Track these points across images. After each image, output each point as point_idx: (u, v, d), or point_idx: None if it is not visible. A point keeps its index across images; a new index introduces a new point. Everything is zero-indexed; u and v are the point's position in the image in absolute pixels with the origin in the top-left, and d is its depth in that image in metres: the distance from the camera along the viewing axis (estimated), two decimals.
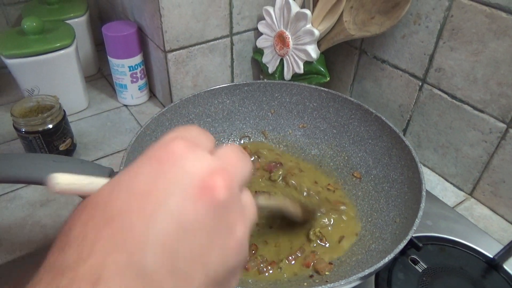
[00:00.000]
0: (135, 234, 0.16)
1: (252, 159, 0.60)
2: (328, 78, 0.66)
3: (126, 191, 0.17)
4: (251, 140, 0.63)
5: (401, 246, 0.38)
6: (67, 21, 0.73)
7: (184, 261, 0.17)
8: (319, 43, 0.65)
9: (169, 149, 0.19)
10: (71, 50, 0.67)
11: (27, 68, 0.65)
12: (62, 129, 0.60)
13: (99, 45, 0.82)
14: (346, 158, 0.58)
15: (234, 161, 0.21)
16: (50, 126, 0.58)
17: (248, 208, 0.21)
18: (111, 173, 0.45)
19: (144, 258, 0.16)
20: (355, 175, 0.56)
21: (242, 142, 0.63)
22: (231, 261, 0.19)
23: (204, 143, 0.21)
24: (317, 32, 0.62)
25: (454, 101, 0.57)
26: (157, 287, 0.16)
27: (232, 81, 0.77)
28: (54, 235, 0.52)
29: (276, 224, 0.50)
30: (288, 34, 0.66)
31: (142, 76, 0.74)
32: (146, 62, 0.74)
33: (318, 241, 0.48)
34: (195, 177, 0.18)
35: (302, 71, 0.66)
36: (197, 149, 0.19)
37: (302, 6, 0.64)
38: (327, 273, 0.45)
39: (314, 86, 0.60)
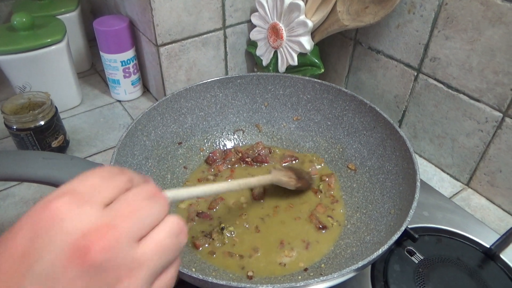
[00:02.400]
0: None
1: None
2: (323, 70, 0.65)
3: (4, 253, 0.18)
4: (245, 133, 0.62)
5: (395, 237, 0.37)
6: (58, 17, 0.72)
7: None
8: (313, 34, 0.64)
9: (50, 208, 0.18)
10: (62, 45, 0.66)
11: (18, 64, 0.64)
12: (54, 126, 0.59)
13: (91, 41, 0.81)
14: (341, 150, 0.58)
15: (128, 212, 0.20)
16: (42, 123, 0.58)
17: (147, 257, 0.20)
18: None
19: None
20: (349, 167, 0.56)
21: (235, 136, 0.62)
22: None
23: (100, 195, 0.20)
24: (310, 23, 0.61)
25: (450, 90, 0.56)
26: None
27: (226, 74, 0.76)
28: None
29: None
30: (281, 25, 0.65)
31: (135, 71, 0.73)
32: (139, 56, 0.74)
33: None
34: (70, 238, 0.18)
35: (296, 63, 0.65)
36: (82, 206, 0.19)
37: None
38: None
39: (307, 78, 0.59)
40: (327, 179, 0.56)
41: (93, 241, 0.18)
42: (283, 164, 0.59)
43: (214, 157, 0.59)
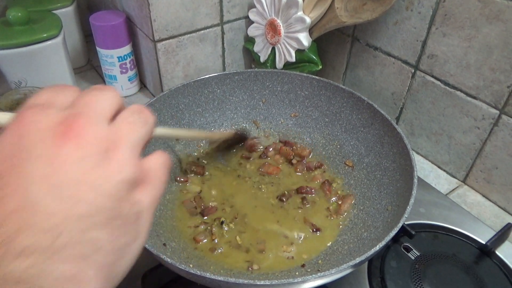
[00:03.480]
0: (14, 184, 0.19)
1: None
2: (321, 67, 0.65)
3: None
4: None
5: (392, 233, 0.38)
6: (54, 11, 0.71)
7: (68, 188, 0.19)
8: (310, 30, 0.64)
9: (21, 117, 0.20)
10: (58, 40, 0.66)
11: (14, 59, 0.64)
12: None
13: (88, 36, 0.81)
14: (338, 146, 0.58)
15: (86, 102, 0.22)
16: None
17: (121, 132, 0.22)
18: None
19: (33, 195, 0.18)
20: (347, 163, 0.56)
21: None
22: (117, 176, 0.20)
23: (58, 100, 0.22)
24: (308, 20, 0.61)
25: (447, 87, 0.56)
26: (52, 212, 0.18)
27: (224, 70, 0.76)
28: None
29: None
30: (279, 22, 0.65)
31: (132, 66, 0.73)
32: (136, 52, 0.73)
33: None
34: (48, 128, 0.20)
35: (294, 60, 0.65)
36: (48, 109, 0.21)
37: None
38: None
39: (305, 74, 0.59)
40: (341, 202, 0.53)
41: (69, 123, 0.20)
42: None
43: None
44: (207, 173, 0.56)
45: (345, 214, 0.51)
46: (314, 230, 0.49)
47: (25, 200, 0.18)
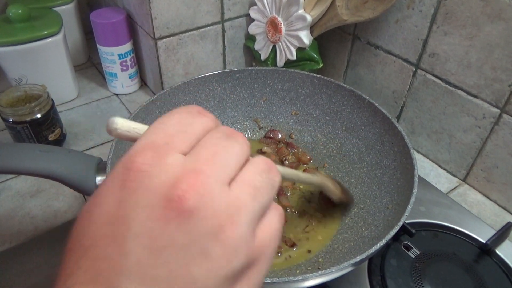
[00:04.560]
0: (110, 264, 0.16)
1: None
2: (321, 65, 0.65)
3: (97, 219, 0.17)
4: (244, 128, 0.62)
5: (393, 232, 0.38)
6: (54, 9, 0.71)
7: (164, 282, 0.16)
8: (311, 29, 0.64)
9: (133, 166, 0.17)
10: (58, 38, 0.66)
11: (14, 56, 0.64)
12: (50, 119, 0.59)
13: (88, 33, 0.81)
14: (339, 145, 0.58)
15: (211, 155, 0.18)
16: (38, 115, 0.57)
17: (242, 199, 0.18)
18: (99, 163, 0.44)
19: (121, 286, 0.16)
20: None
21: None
22: (223, 268, 0.17)
23: (181, 142, 0.19)
24: (309, 18, 0.61)
25: (448, 86, 0.56)
26: None
27: (224, 68, 0.76)
28: (44, 226, 0.51)
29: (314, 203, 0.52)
30: (280, 20, 0.64)
31: (132, 64, 0.73)
32: (136, 50, 0.73)
33: None
34: (160, 192, 0.17)
35: (294, 58, 0.65)
36: (165, 157, 0.18)
37: None
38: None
39: (306, 73, 0.59)
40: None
41: (184, 190, 0.17)
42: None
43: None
44: None
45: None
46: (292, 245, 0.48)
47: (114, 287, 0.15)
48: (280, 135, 0.61)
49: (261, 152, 0.59)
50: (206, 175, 0.17)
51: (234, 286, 0.18)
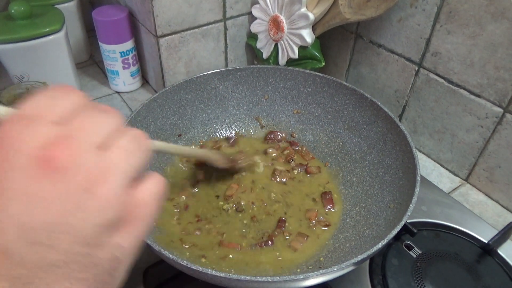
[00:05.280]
0: None
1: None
2: (323, 63, 0.65)
3: None
4: (245, 126, 0.62)
5: (395, 231, 0.38)
6: (56, 6, 0.71)
7: (43, 232, 0.18)
8: (314, 27, 0.63)
9: (4, 133, 0.19)
10: (60, 35, 0.65)
11: (16, 54, 0.63)
12: None
13: (90, 31, 0.81)
14: (341, 144, 0.58)
15: (82, 123, 0.20)
16: None
17: (114, 161, 0.20)
18: None
19: (4, 239, 0.17)
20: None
21: (235, 129, 0.62)
22: (96, 218, 0.19)
23: (51, 113, 0.20)
24: (312, 16, 0.61)
25: (451, 85, 0.56)
26: (21, 261, 0.17)
27: (226, 67, 0.75)
28: None
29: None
30: (282, 18, 0.64)
31: (134, 62, 0.73)
32: (138, 47, 0.73)
33: None
34: (32, 154, 0.18)
35: (296, 56, 0.65)
36: (35, 125, 0.19)
37: None
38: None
39: (308, 71, 0.59)
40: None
41: (55, 150, 0.18)
42: None
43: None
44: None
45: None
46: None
47: None
48: (280, 136, 0.61)
49: (265, 153, 0.59)
50: (76, 138, 0.19)
51: (112, 235, 0.20)
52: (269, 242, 0.47)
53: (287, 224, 0.49)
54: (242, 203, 0.51)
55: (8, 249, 0.17)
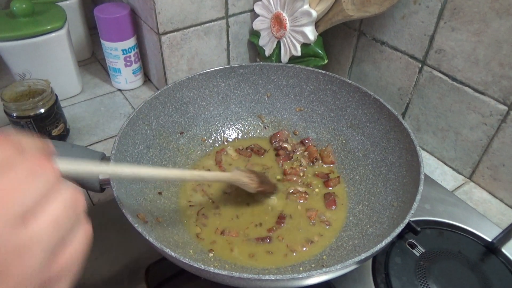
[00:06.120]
0: None
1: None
2: (326, 61, 0.65)
3: None
4: (248, 124, 0.62)
5: (398, 230, 0.37)
6: (58, 3, 0.71)
7: None
8: (316, 24, 0.63)
9: None
10: (62, 33, 0.65)
11: (18, 51, 0.63)
12: (54, 114, 0.59)
13: (92, 29, 0.81)
14: (344, 141, 0.57)
15: (4, 192, 0.18)
16: (42, 110, 0.57)
17: (37, 235, 0.18)
18: (103, 158, 0.44)
19: None
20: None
21: (237, 126, 0.62)
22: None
23: None
24: (314, 13, 0.60)
25: (455, 83, 0.55)
26: None
27: (228, 64, 0.75)
28: None
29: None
30: (285, 15, 0.64)
31: (136, 59, 0.72)
32: (140, 45, 0.73)
33: None
34: None
35: (299, 54, 0.65)
36: None
37: None
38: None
39: (311, 68, 0.58)
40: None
41: None
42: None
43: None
44: None
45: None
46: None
47: None
48: (283, 136, 0.61)
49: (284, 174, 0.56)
50: None
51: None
52: (267, 239, 0.47)
53: (287, 221, 0.49)
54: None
55: None
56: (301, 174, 0.55)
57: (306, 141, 0.60)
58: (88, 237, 0.22)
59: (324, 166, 0.57)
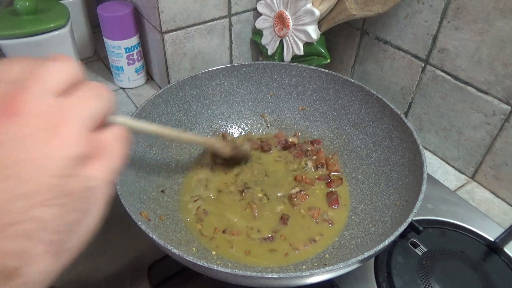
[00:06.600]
0: None
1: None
2: (329, 60, 0.64)
3: None
4: (250, 122, 0.62)
5: (401, 229, 0.37)
6: (61, 1, 0.71)
7: (13, 168, 0.19)
8: (319, 23, 0.63)
9: None
10: (65, 31, 0.65)
11: (21, 49, 0.63)
12: None
13: (95, 27, 0.81)
14: (346, 140, 0.57)
15: (36, 73, 0.21)
16: None
17: (73, 105, 0.21)
18: None
19: None
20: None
21: (240, 125, 0.62)
22: (62, 153, 0.20)
23: (12, 74, 0.21)
24: (317, 12, 0.60)
25: (458, 82, 0.55)
26: None
27: (231, 63, 0.75)
28: None
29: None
30: (287, 14, 0.64)
31: (139, 58, 0.72)
32: (143, 43, 0.73)
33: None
34: None
35: (302, 53, 0.65)
36: None
37: None
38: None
39: (314, 67, 0.58)
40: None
41: (12, 98, 0.20)
42: None
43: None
44: None
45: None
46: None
47: None
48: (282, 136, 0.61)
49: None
50: (31, 87, 0.20)
51: (81, 168, 0.21)
52: (270, 238, 0.47)
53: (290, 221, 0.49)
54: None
55: None
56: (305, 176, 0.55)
57: (316, 144, 0.59)
58: (124, 130, 0.25)
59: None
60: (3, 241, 0.18)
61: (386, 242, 0.36)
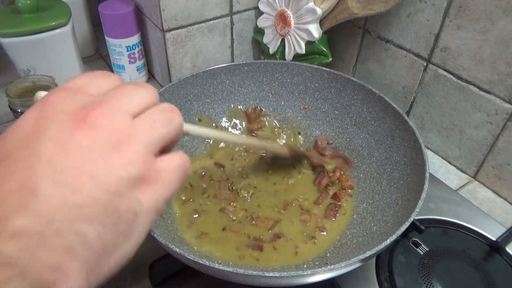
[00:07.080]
0: (23, 164, 0.19)
1: None
2: (331, 59, 0.64)
3: (13, 137, 0.20)
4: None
5: (403, 228, 0.37)
6: (63, 0, 0.71)
7: (70, 176, 0.19)
8: (321, 22, 0.63)
9: (49, 100, 0.21)
10: (67, 29, 0.65)
11: (22, 47, 0.63)
12: None
13: (96, 25, 0.81)
14: (348, 140, 0.57)
15: (116, 93, 0.22)
16: None
17: (141, 127, 0.22)
18: None
19: (34, 178, 0.18)
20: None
21: (242, 124, 0.62)
22: (119, 171, 0.20)
23: (90, 87, 0.23)
24: (319, 11, 0.60)
25: (460, 81, 0.55)
26: (47, 200, 0.18)
27: (232, 62, 0.75)
28: None
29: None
30: (289, 13, 0.64)
31: (140, 56, 0.72)
32: (144, 42, 0.73)
33: None
34: (70, 112, 0.21)
35: (303, 52, 0.64)
36: (77, 94, 0.22)
37: None
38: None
39: (315, 66, 0.58)
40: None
41: (89, 110, 0.21)
42: None
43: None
44: None
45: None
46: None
47: (27, 181, 0.18)
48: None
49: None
50: (110, 104, 0.22)
51: (133, 190, 0.21)
52: (275, 236, 0.47)
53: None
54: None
55: (36, 187, 0.18)
56: None
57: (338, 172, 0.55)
58: (186, 158, 0.25)
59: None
60: (48, 252, 0.18)
61: (388, 241, 0.36)
